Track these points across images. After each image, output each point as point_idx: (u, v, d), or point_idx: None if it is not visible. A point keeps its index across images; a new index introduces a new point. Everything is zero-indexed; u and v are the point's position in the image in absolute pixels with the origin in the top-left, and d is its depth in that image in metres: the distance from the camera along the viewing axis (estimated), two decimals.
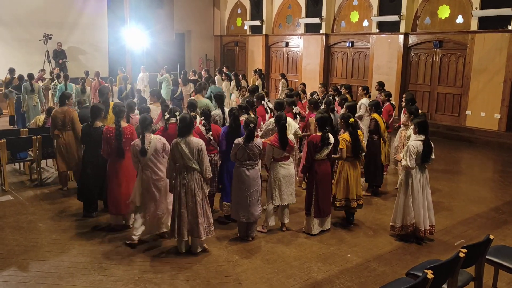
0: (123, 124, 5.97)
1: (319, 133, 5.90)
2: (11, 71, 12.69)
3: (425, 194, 5.77)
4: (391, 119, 8.75)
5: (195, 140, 5.23)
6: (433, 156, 5.81)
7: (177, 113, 6.20)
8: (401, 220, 5.82)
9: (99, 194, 6.50)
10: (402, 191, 5.79)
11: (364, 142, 6.78)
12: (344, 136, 6.20)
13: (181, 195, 5.21)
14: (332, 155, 6.16)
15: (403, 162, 5.62)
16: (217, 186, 6.39)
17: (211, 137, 6.27)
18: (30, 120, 11.06)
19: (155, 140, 5.44)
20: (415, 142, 5.63)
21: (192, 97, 8.67)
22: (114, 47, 18.16)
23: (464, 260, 3.82)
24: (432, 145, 5.76)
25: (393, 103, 9.31)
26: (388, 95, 9.11)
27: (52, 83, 13.27)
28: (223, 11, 21.23)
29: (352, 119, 6.26)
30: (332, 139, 5.94)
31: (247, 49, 20.10)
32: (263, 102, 8.16)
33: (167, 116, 6.49)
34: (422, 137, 5.67)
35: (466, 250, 3.82)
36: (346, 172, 6.19)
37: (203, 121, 6.37)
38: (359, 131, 6.36)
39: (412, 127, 6.00)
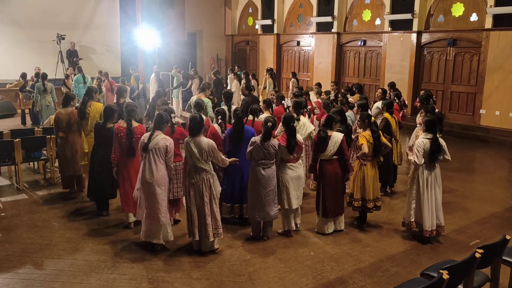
0: (134, 123, 5.97)
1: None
2: (23, 76, 12.83)
3: (433, 194, 5.71)
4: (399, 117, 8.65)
5: (206, 141, 5.20)
6: (447, 157, 5.74)
7: (172, 115, 6.09)
8: (403, 218, 5.91)
9: (111, 193, 6.55)
10: (409, 189, 5.83)
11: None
12: (364, 133, 6.12)
13: (190, 194, 5.22)
14: (357, 155, 6.13)
15: (411, 158, 5.64)
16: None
17: None
18: (43, 120, 11.17)
19: (159, 138, 5.27)
20: (423, 139, 5.65)
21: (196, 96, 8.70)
22: (126, 47, 18.27)
23: (480, 261, 3.78)
24: (443, 145, 5.70)
25: (406, 102, 9.20)
26: (397, 95, 9.00)
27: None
28: (234, 10, 21.24)
29: (373, 118, 6.24)
30: (337, 136, 5.86)
31: (258, 49, 20.08)
32: (283, 102, 8.18)
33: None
34: (430, 136, 5.65)
35: (482, 251, 3.77)
36: (363, 172, 6.12)
37: (219, 120, 6.37)
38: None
39: (419, 126, 5.98)
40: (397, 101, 8.85)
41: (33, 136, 8.29)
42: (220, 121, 6.36)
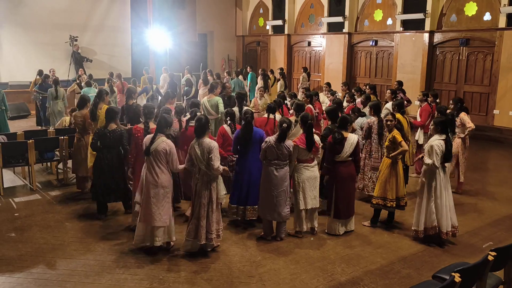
0: (152, 125, 5.93)
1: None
2: (40, 73, 12.95)
3: (447, 195, 5.67)
4: (429, 119, 8.57)
5: (207, 142, 5.17)
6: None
7: (199, 113, 6.16)
8: (424, 223, 5.68)
9: (114, 196, 6.48)
10: (424, 193, 5.67)
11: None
12: (397, 132, 6.14)
13: (195, 195, 5.26)
14: (391, 153, 6.09)
15: (428, 161, 5.50)
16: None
17: None
18: (54, 124, 11.25)
19: (160, 141, 5.25)
20: (439, 141, 5.55)
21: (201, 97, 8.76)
22: (138, 48, 18.38)
23: (493, 263, 3.73)
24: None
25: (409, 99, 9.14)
26: (426, 95, 8.90)
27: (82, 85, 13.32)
28: (245, 11, 21.26)
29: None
30: (353, 138, 5.85)
31: (269, 49, 20.07)
32: (285, 102, 8.19)
33: (188, 116, 6.54)
34: (444, 136, 5.61)
35: (495, 253, 3.72)
36: (387, 170, 6.09)
37: (228, 121, 6.39)
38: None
39: (432, 126, 5.89)
40: (428, 100, 8.73)
41: (46, 137, 8.38)
42: (229, 122, 6.39)
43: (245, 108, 7.43)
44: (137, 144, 5.91)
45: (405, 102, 9.41)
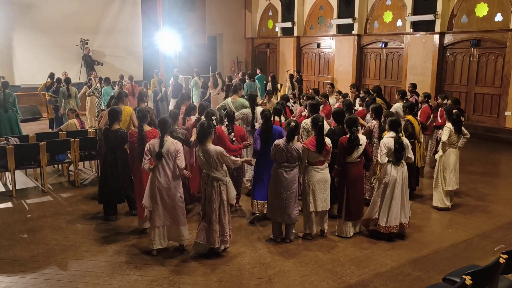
0: (146, 128, 5.97)
1: (347, 135, 5.88)
2: (52, 75, 13.10)
3: (400, 191, 5.76)
4: (429, 120, 8.56)
5: (212, 148, 5.17)
6: (410, 156, 5.84)
7: (214, 117, 6.14)
8: (385, 220, 5.80)
9: (119, 197, 6.54)
10: (380, 190, 5.83)
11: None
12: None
13: (205, 199, 5.28)
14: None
15: (377, 157, 5.75)
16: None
17: (233, 138, 6.36)
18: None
19: (169, 143, 5.30)
20: (387, 139, 5.75)
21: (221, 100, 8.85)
22: (148, 51, 18.50)
23: (504, 266, 3.70)
24: (406, 144, 5.79)
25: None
26: (427, 96, 8.91)
27: (93, 87, 13.27)
28: (254, 13, 21.31)
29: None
30: (363, 139, 5.85)
31: (278, 51, 20.09)
32: (288, 104, 8.27)
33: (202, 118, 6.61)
34: (393, 134, 5.74)
35: (507, 256, 3.69)
36: None
37: (226, 122, 6.45)
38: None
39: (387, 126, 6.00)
40: (429, 102, 8.72)
41: (58, 139, 8.47)
42: (227, 123, 6.46)
43: (257, 108, 7.69)
44: (133, 148, 5.97)
45: (419, 104, 9.38)
